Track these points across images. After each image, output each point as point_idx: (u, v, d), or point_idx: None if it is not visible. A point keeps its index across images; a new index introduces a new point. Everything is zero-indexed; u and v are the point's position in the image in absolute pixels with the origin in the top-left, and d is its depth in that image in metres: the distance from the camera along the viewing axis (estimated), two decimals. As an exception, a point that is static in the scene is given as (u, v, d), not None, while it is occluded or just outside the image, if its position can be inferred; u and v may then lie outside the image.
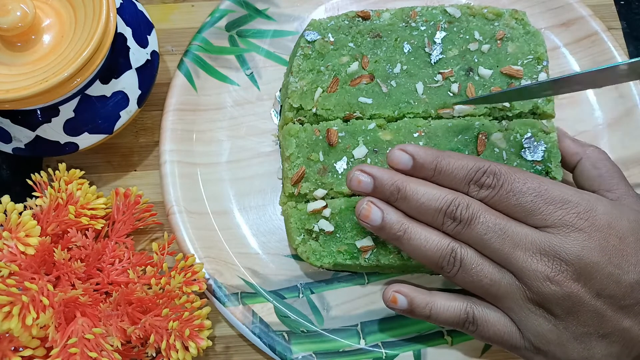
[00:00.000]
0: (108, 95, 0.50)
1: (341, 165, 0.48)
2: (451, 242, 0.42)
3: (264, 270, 0.51)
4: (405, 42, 0.51)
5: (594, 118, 0.55)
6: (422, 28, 0.52)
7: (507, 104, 0.49)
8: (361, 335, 0.49)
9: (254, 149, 0.55)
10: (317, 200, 0.48)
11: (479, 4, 0.53)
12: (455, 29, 0.52)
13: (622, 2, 0.62)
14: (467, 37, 0.51)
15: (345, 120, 0.50)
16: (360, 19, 0.52)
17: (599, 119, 0.55)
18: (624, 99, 0.55)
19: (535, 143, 0.48)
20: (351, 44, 0.52)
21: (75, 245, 0.47)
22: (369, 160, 0.48)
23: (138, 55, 0.52)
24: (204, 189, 0.53)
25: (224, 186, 0.54)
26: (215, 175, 0.54)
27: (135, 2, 0.54)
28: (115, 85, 0.50)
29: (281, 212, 0.51)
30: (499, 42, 0.51)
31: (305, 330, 0.49)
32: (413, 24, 0.52)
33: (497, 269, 0.41)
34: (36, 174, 0.50)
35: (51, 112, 0.49)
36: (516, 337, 0.42)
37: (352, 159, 0.48)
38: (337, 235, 0.47)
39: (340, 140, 0.49)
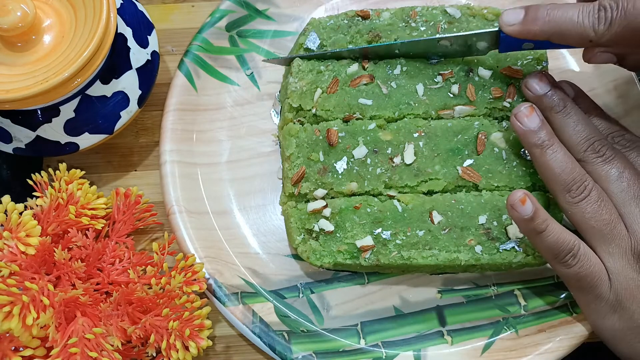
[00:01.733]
0: (108, 95, 0.50)
1: (341, 165, 0.48)
2: (586, 174, 0.44)
3: (264, 270, 0.51)
4: None
5: (594, 118, 0.56)
6: (422, 28, 0.52)
7: (507, 104, 0.50)
8: (361, 335, 0.49)
9: (254, 149, 0.55)
10: (317, 200, 0.48)
11: (478, 5, 0.53)
12: (455, 29, 0.52)
13: (622, 3, 0.62)
14: None
15: (345, 120, 0.50)
16: (359, 18, 0.52)
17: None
18: (624, 99, 0.56)
19: None
20: (350, 46, 0.52)
21: (76, 245, 0.47)
22: (369, 160, 0.48)
23: (138, 56, 0.52)
24: (204, 189, 0.53)
25: (224, 186, 0.54)
26: (215, 175, 0.54)
27: (136, 2, 0.54)
28: (116, 85, 0.50)
29: (281, 212, 0.51)
30: None
31: (305, 330, 0.49)
32: (413, 24, 0.52)
33: (615, 212, 0.44)
34: (36, 174, 0.50)
35: (52, 112, 0.49)
36: (605, 286, 0.43)
37: (352, 159, 0.49)
38: (337, 235, 0.48)
39: (340, 140, 0.49)
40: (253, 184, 0.54)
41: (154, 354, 0.46)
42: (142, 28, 0.53)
